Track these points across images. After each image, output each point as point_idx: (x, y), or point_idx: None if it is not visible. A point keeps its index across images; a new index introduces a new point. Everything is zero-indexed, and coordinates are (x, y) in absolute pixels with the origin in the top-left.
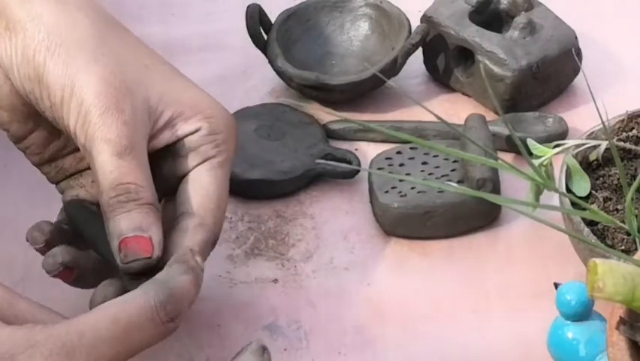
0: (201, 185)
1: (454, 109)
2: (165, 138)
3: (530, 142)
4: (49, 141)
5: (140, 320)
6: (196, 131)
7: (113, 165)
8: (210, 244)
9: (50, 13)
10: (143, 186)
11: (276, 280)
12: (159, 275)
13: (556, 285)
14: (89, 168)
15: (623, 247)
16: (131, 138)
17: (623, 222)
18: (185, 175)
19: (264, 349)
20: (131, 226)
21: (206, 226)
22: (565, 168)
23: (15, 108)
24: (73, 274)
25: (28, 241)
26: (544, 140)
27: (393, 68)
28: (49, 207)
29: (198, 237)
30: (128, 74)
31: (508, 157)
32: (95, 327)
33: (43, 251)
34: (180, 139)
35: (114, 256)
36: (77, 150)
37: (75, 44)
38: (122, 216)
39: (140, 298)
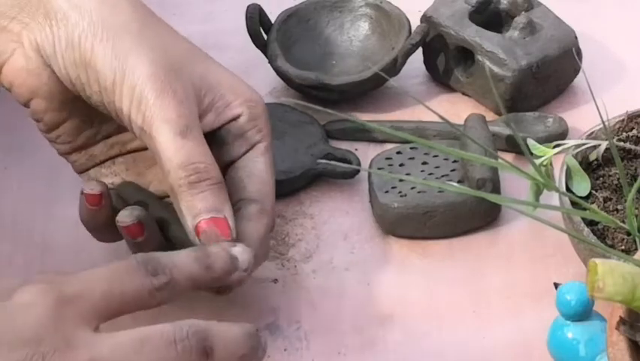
0: (255, 172)
1: (454, 109)
2: (209, 121)
3: (530, 142)
4: (81, 129)
5: (127, 268)
6: (239, 116)
7: (178, 144)
8: (271, 228)
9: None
10: (211, 164)
11: (276, 280)
12: None
13: (556, 285)
14: (119, 155)
15: (623, 247)
16: (189, 117)
17: (623, 222)
18: (232, 162)
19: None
20: (206, 206)
21: (266, 211)
22: (565, 168)
23: (52, 96)
24: (142, 233)
25: (82, 193)
26: (544, 140)
27: (393, 68)
28: (49, 209)
29: (264, 221)
30: (172, 56)
31: (508, 157)
32: (86, 273)
33: (89, 212)
34: (223, 125)
35: (189, 235)
36: (108, 137)
37: (120, 29)
38: (197, 198)
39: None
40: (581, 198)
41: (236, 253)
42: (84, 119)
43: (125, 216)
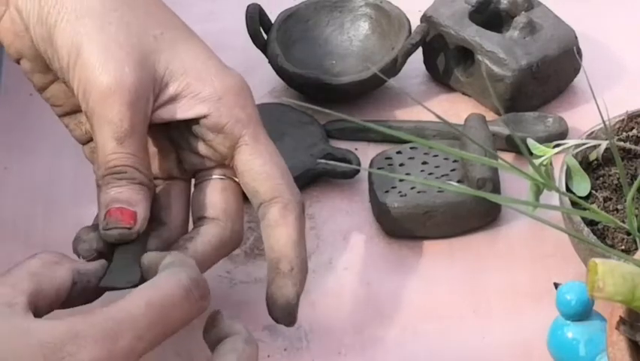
0: (257, 171)
1: (454, 109)
2: (171, 111)
3: (530, 142)
4: (68, 95)
5: (174, 300)
6: (207, 115)
7: (112, 148)
8: (302, 220)
9: None
10: (139, 170)
11: None
12: (174, 259)
13: (556, 285)
14: None
15: (623, 247)
16: (132, 119)
17: (623, 221)
18: (227, 160)
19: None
20: (119, 197)
21: (288, 205)
22: (565, 168)
23: (37, 59)
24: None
25: (76, 253)
26: (544, 140)
27: (393, 67)
28: (49, 209)
29: (290, 220)
30: (134, 44)
31: (508, 157)
32: (132, 312)
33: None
34: (195, 119)
35: (100, 225)
36: None
37: (84, 11)
38: (113, 189)
39: (172, 280)
40: (581, 198)
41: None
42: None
43: (85, 251)
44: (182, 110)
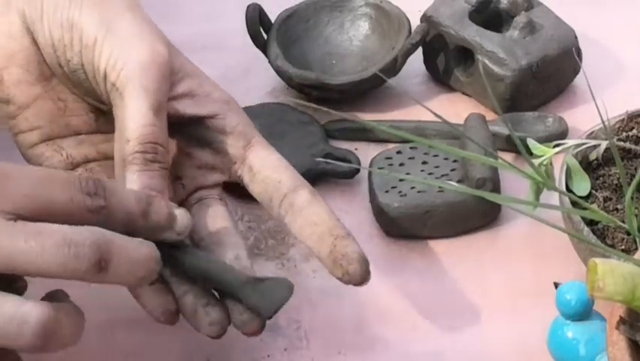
0: (275, 164)
1: (454, 109)
2: (185, 106)
3: (530, 142)
4: (51, 115)
5: (55, 175)
6: (216, 115)
7: (148, 119)
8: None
9: None
10: (168, 151)
11: None
12: None
13: (556, 285)
14: (92, 161)
15: (623, 247)
16: (165, 95)
17: (623, 221)
18: (237, 160)
19: None
20: (151, 185)
21: (313, 191)
22: (565, 167)
23: (29, 64)
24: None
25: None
26: (544, 140)
27: (393, 67)
28: None
29: (320, 198)
30: (159, 30)
31: (508, 157)
32: (19, 168)
33: None
34: (206, 117)
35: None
36: (79, 133)
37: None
38: (146, 174)
39: None
40: (581, 197)
41: (177, 213)
42: (54, 104)
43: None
44: (197, 107)
